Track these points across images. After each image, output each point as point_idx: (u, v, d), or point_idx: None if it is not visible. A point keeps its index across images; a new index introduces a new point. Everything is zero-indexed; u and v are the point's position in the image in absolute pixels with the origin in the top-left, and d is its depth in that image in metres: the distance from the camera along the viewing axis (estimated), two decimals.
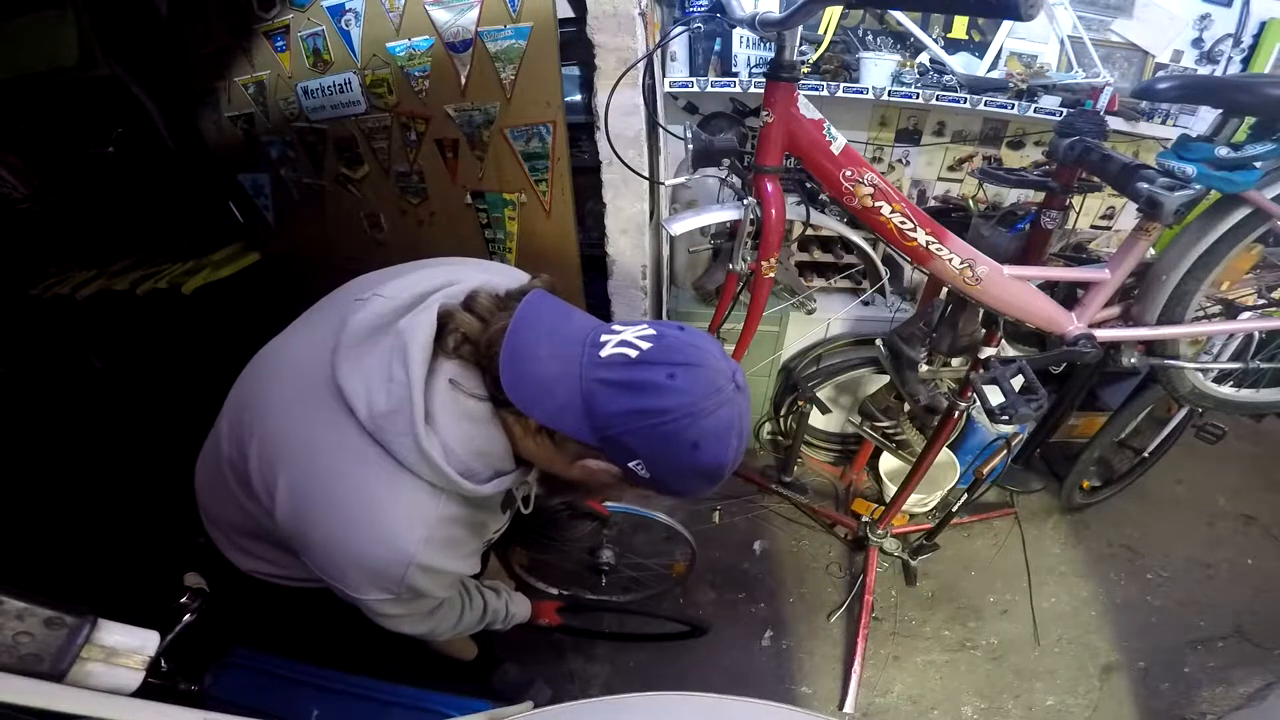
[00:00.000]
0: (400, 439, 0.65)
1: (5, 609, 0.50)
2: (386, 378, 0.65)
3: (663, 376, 0.60)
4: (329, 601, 0.89)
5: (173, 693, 0.75)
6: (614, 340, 0.62)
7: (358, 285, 0.84)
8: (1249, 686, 1.63)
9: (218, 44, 1.63)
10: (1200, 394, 1.33)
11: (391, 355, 0.66)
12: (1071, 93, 1.61)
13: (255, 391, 0.79)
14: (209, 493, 0.89)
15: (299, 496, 0.69)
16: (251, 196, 1.94)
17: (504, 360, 0.63)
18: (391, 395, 0.64)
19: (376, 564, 0.68)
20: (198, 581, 0.82)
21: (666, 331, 0.64)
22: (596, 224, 1.65)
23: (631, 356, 0.61)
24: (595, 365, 0.61)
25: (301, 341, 0.80)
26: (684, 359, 0.61)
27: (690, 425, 0.60)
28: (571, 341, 0.64)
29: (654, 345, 0.62)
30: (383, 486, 0.67)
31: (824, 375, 1.93)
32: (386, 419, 0.65)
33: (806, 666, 1.71)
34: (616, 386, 0.60)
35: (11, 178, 1.81)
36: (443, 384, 0.67)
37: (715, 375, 0.62)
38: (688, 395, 0.60)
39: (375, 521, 0.67)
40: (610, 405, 0.60)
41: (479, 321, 0.68)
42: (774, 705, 0.78)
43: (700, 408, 0.60)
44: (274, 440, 0.72)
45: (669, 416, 0.59)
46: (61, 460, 1.90)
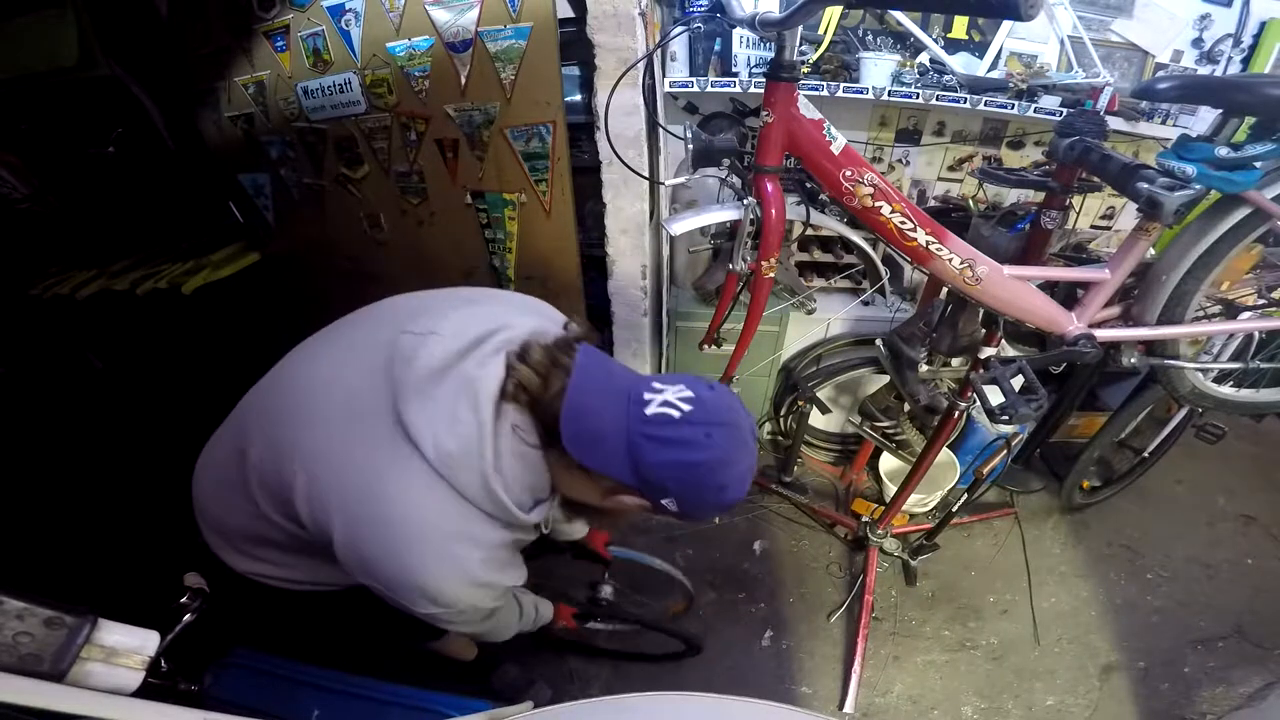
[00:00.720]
0: (467, 477, 0.72)
1: (5, 609, 0.50)
2: (454, 419, 0.71)
3: (702, 435, 0.71)
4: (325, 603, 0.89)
5: (173, 693, 0.75)
6: (657, 400, 0.72)
7: (400, 311, 0.86)
8: (1249, 686, 1.63)
9: (218, 44, 1.63)
10: (1200, 394, 1.33)
11: (458, 399, 0.72)
12: (1071, 93, 1.61)
13: (295, 416, 0.80)
14: (215, 499, 0.89)
15: (363, 529, 0.74)
16: (251, 196, 1.94)
17: (565, 418, 0.71)
18: (459, 437, 0.71)
19: (441, 587, 0.75)
20: (198, 581, 0.82)
21: (701, 393, 0.73)
22: (596, 224, 1.65)
23: (675, 417, 0.71)
24: (641, 422, 0.71)
25: (346, 367, 0.81)
26: (719, 419, 0.72)
27: (722, 472, 0.72)
28: (617, 398, 0.73)
29: (694, 407, 0.72)
30: (450, 520, 0.73)
31: (824, 375, 1.93)
32: (455, 459, 0.71)
33: (806, 666, 1.71)
34: (661, 442, 0.70)
35: (11, 178, 1.81)
36: (506, 428, 0.74)
37: (742, 431, 0.74)
38: (721, 450, 0.71)
39: (443, 554, 0.74)
40: (654, 457, 0.71)
41: (537, 376, 0.75)
42: (774, 705, 0.78)
43: (730, 458, 0.72)
44: (329, 474, 0.75)
45: (706, 467, 0.71)
46: (62, 460, 1.90)
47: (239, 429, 0.87)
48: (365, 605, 0.85)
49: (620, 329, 1.84)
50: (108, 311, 1.93)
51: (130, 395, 2.11)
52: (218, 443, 0.92)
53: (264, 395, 0.87)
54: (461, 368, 0.73)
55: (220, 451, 0.90)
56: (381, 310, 0.89)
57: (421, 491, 0.72)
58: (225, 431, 0.92)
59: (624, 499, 0.78)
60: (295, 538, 0.82)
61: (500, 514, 0.75)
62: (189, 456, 0.93)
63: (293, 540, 0.83)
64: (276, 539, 0.84)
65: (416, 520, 0.72)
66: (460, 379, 0.73)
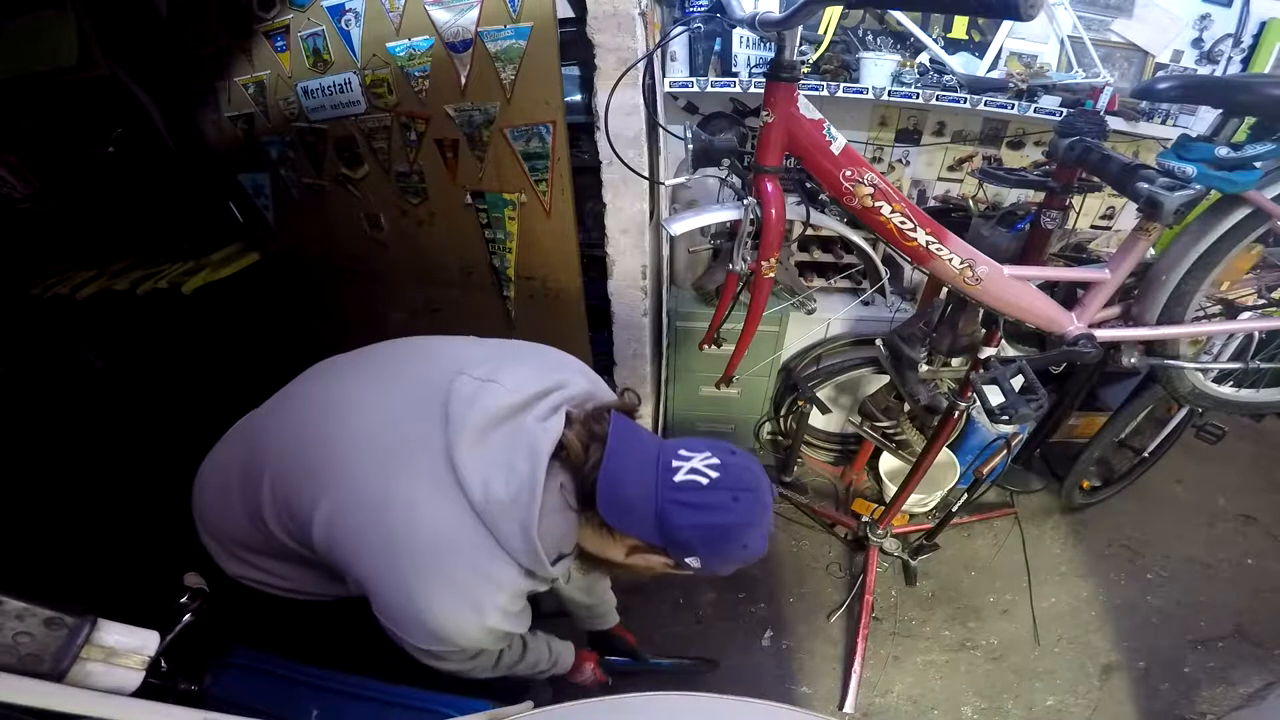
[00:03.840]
0: (509, 526, 0.73)
1: (5, 609, 0.50)
2: (510, 469, 0.73)
3: (729, 499, 0.74)
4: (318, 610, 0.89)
5: (173, 693, 0.75)
6: (685, 468, 0.75)
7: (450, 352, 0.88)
8: (1249, 686, 1.63)
9: (218, 44, 1.63)
10: (1200, 394, 1.33)
11: (515, 450, 0.75)
12: (1071, 93, 1.61)
13: (325, 441, 0.80)
14: (216, 507, 0.89)
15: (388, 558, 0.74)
16: (251, 196, 1.94)
17: (601, 488, 0.74)
18: (511, 487, 0.73)
19: (449, 627, 0.76)
20: (198, 581, 0.82)
21: (726, 459, 0.77)
22: (596, 224, 1.65)
23: (703, 484, 0.74)
24: (671, 489, 0.74)
25: (390, 399, 0.81)
26: (744, 485, 0.76)
27: (745, 533, 0.76)
28: (647, 463, 0.76)
29: (721, 474, 0.75)
30: (480, 563, 0.75)
31: (824, 375, 1.93)
32: (502, 507, 0.73)
33: (806, 666, 1.71)
34: (689, 507, 0.74)
35: (11, 178, 1.81)
36: (555, 485, 0.77)
37: (764, 494, 0.78)
38: (746, 513, 0.75)
39: (464, 593, 0.75)
40: (682, 520, 0.74)
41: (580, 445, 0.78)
42: (774, 705, 0.78)
43: (753, 521, 0.76)
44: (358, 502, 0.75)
45: (731, 529, 0.75)
46: (61, 460, 1.90)
47: (254, 445, 0.87)
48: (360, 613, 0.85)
49: (620, 329, 1.84)
50: (108, 311, 1.93)
51: (130, 395, 2.11)
52: (226, 451, 0.92)
53: (286, 415, 0.87)
54: (521, 420, 0.77)
55: (228, 462, 0.90)
56: (426, 348, 0.90)
57: (458, 532, 0.73)
58: (236, 443, 0.92)
59: (648, 557, 0.81)
60: (295, 554, 0.82)
61: (531, 564, 0.77)
62: (189, 456, 0.93)
63: (292, 555, 0.83)
64: (275, 552, 0.85)
65: (448, 556, 0.74)
66: (519, 431, 0.76)
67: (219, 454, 0.93)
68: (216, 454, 0.93)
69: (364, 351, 0.92)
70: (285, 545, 0.82)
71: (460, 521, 0.73)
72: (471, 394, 0.77)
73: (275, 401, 0.92)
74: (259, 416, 0.92)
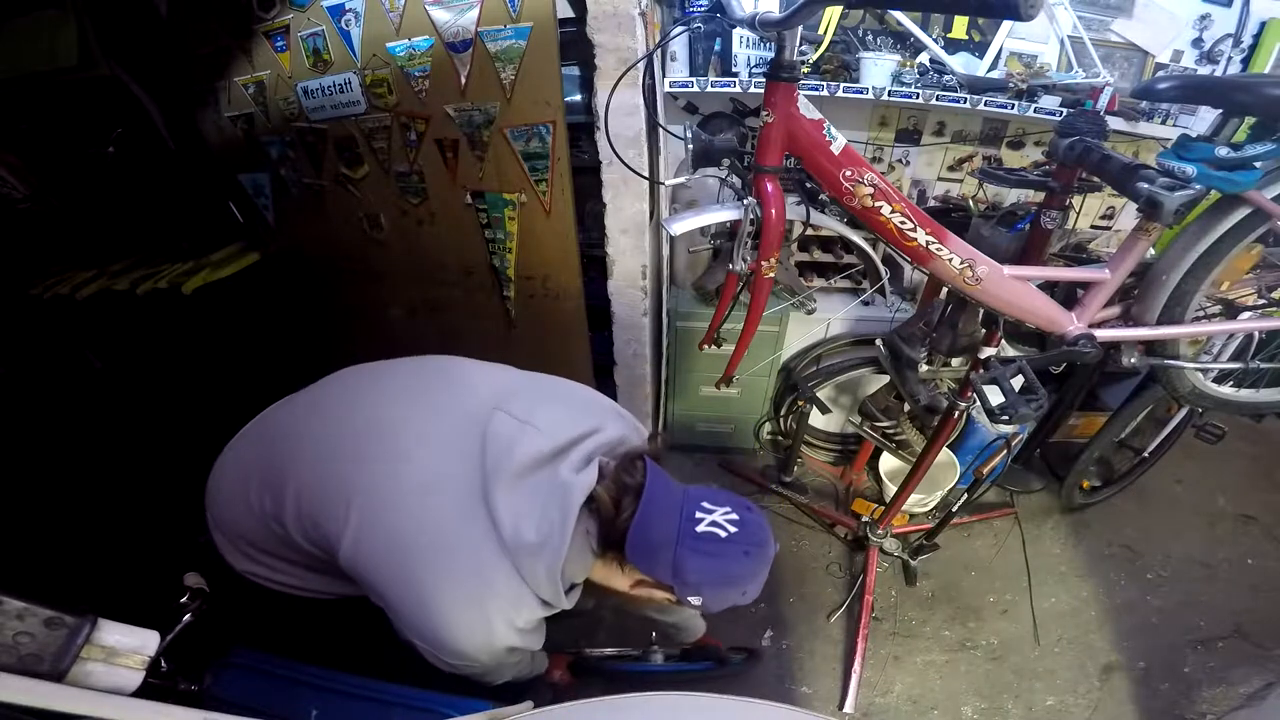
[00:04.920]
0: (534, 566, 0.80)
1: (5, 609, 0.50)
2: (540, 515, 0.80)
3: (741, 553, 0.83)
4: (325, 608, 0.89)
5: (173, 693, 0.75)
6: (706, 520, 0.83)
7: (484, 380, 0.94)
8: (1249, 686, 1.63)
9: (218, 44, 1.62)
10: (1200, 394, 1.33)
11: (549, 499, 0.81)
12: (1071, 93, 1.61)
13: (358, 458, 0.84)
14: (231, 506, 0.90)
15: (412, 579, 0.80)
16: (251, 196, 1.94)
17: (631, 535, 0.81)
18: (540, 532, 0.80)
19: (470, 645, 0.83)
20: (198, 581, 0.82)
21: (744, 517, 0.85)
22: (596, 224, 1.65)
23: (722, 536, 0.82)
24: (692, 538, 0.82)
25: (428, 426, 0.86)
26: (757, 540, 0.85)
27: (748, 581, 0.86)
28: (672, 512, 0.83)
29: (739, 530, 0.83)
30: (506, 595, 0.82)
31: (824, 375, 1.93)
32: (530, 549, 0.80)
33: (806, 666, 1.71)
34: (706, 555, 0.82)
35: (11, 178, 1.81)
36: (581, 531, 0.83)
37: (770, 549, 0.87)
38: (753, 565, 0.85)
39: (485, 617, 0.82)
40: (696, 565, 0.81)
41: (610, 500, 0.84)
42: (774, 705, 0.78)
43: (758, 572, 0.86)
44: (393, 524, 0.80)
45: (738, 578, 0.85)
46: (61, 460, 1.89)
47: (277, 447, 0.89)
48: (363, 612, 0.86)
49: (620, 329, 1.84)
50: (108, 311, 1.93)
51: (130, 395, 2.11)
52: (245, 448, 0.93)
53: (316, 424, 0.89)
54: (556, 468, 0.83)
55: (247, 459, 0.91)
56: (461, 374, 0.95)
57: (489, 561, 0.80)
58: (255, 440, 0.93)
59: (653, 591, 0.89)
60: (310, 557, 0.85)
61: (550, 597, 0.85)
62: (189, 456, 0.93)
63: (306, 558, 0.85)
64: (288, 553, 0.86)
65: (477, 585, 0.80)
66: (553, 480, 0.82)
67: (237, 449, 0.93)
68: (234, 449, 0.94)
69: (395, 368, 0.95)
70: (302, 548, 0.84)
71: (489, 552, 0.79)
72: (510, 435, 0.83)
73: (301, 406, 0.93)
74: (282, 417, 0.93)
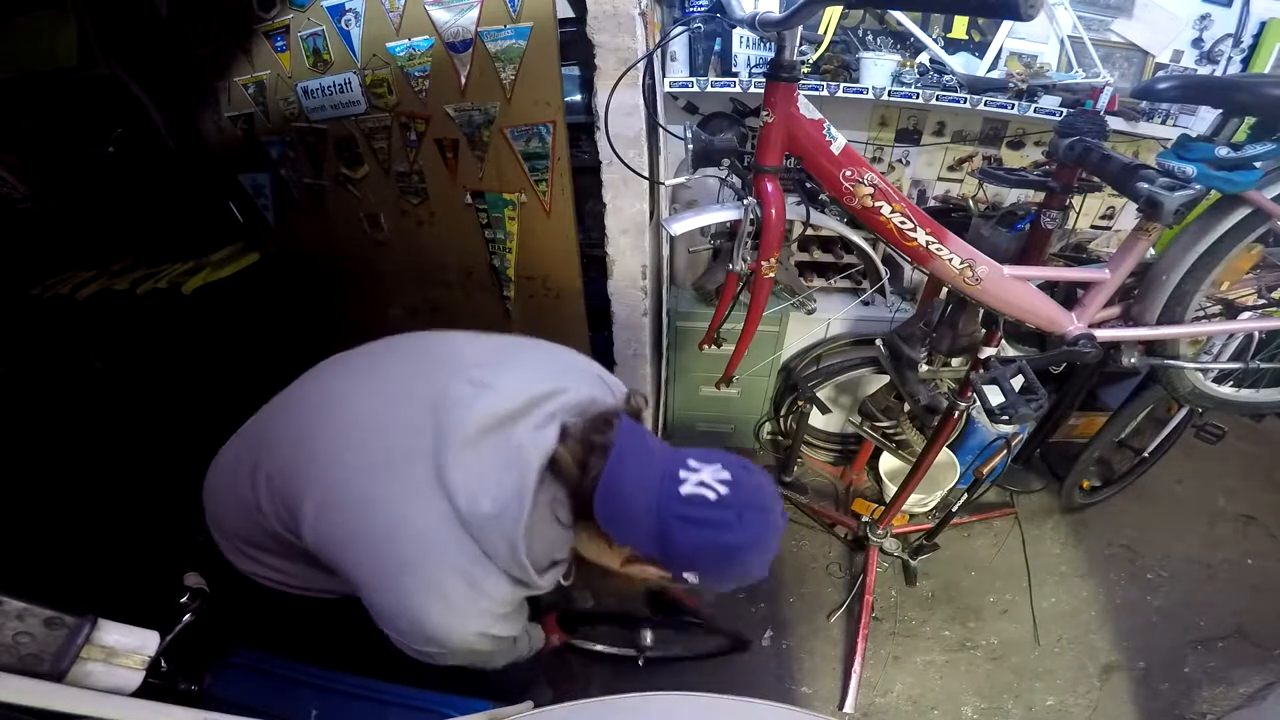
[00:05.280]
0: (495, 540, 0.72)
1: (5, 609, 0.50)
2: (495, 483, 0.71)
3: (734, 517, 0.70)
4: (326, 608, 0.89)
5: (173, 693, 0.75)
6: (693, 480, 0.71)
7: (453, 352, 0.86)
8: (1249, 686, 1.63)
9: (218, 44, 1.62)
10: (1200, 394, 1.33)
11: (505, 464, 0.72)
12: (1071, 93, 1.61)
13: (317, 438, 0.79)
14: (223, 503, 0.89)
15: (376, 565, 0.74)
16: (251, 196, 1.94)
17: (599, 499, 0.71)
18: (498, 502, 0.71)
19: (440, 631, 0.75)
20: (198, 581, 0.82)
21: (738, 474, 0.73)
22: (596, 224, 1.65)
23: (711, 499, 0.70)
24: (676, 502, 0.70)
25: (385, 399, 0.80)
26: (754, 503, 0.72)
27: (749, 554, 0.72)
28: (653, 473, 0.72)
29: (730, 491, 0.71)
30: (466, 573, 0.73)
31: (824, 375, 1.93)
32: (487, 520, 0.71)
33: (806, 666, 1.71)
34: (693, 523, 0.70)
35: (11, 178, 1.81)
36: (545, 500, 0.74)
37: (773, 515, 0.74)
38: (752, 535, 0.71)
39: (450, 598, 0.73)
40: (685, 537, 0.70)
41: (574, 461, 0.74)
42: (774, 705, 0.78)
43: (760, 542, 0.72)
44: (347, 504, 0.74)
45: (735, 549, 0.71)
46: (61, 460, 1.90)
47: (256, 441, 0.87)
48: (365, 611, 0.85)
49: (620, 329, 1.84)
50: (108, 311, 1.93)
51: (130, 395, 2.11)
52: (232, 448, 0.92)
53: (285, 411, 0.87)
54: (513, 431, 0.73)
55: (234, 458, 0.90)
56: (430, 345, 0.89)
57: (445, 540, 0.72)
58: (241, 439, 0.92)
59: (645, 568, 0.78)
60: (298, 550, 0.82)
61: (518, 575, 0.76)
62: (188, 456, 0.93)
63: (296, 552, 0.83)
64: (279, 549, 0.84)
65: (433, 564, 0.72)
66: (509, 443, 0.72)
67: (228, 450, 0.93)
68: (226, 451, 0.93)
69: (367, 347, 0.90)
70: (282, 536, 0.81)
71: (446, 530, 0.71)
72: (465, 401, 0.74)
73: (279, 397, 0.91)
74: (263, 413, 0.92)
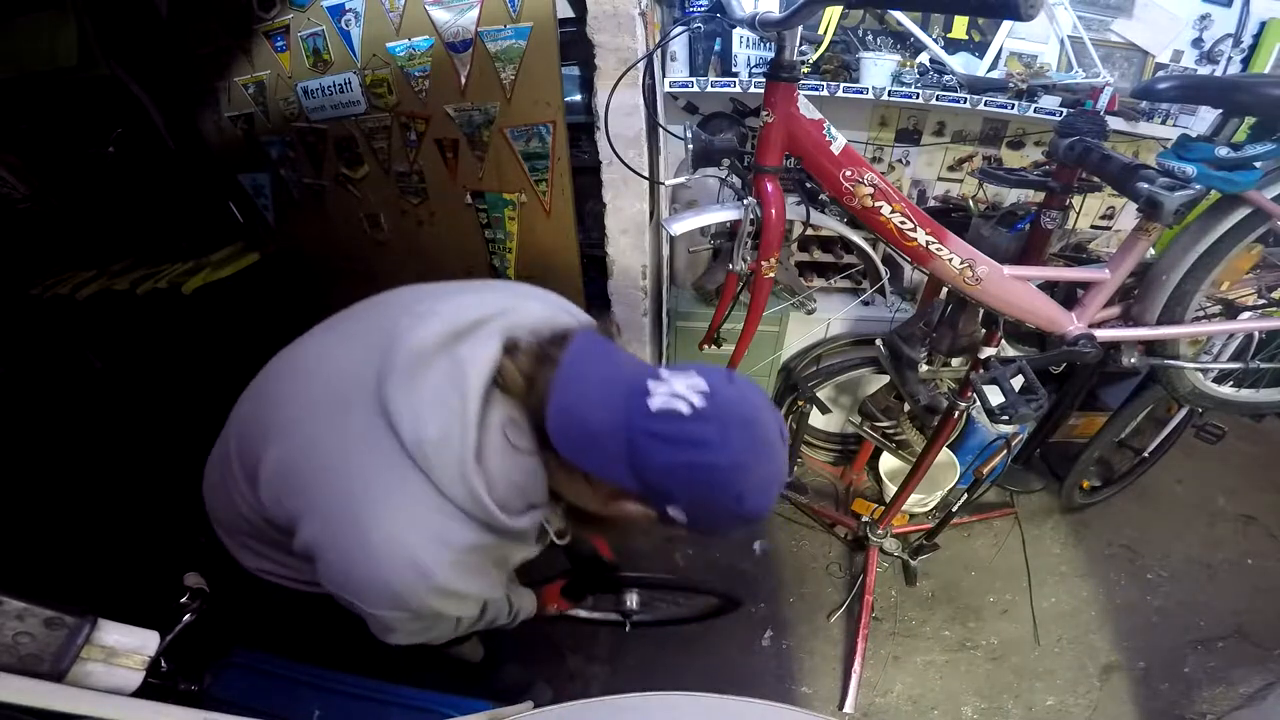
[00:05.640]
0: (446, 469, 0.64)
1: (5, 609, 0.50)
2: (439, 404, 0.64)
3: (714, 433, 0.59)
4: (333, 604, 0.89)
5: (173, 693, 0.75)
6: (664, 391, 0.61)
7: (405, 298, 0.81)
8: (1249, 686, 1.63)
9: (218, 44, 1.63)
10: (1200, 394, 1.33)
11: (448, 383, 0.64)
12: (1071, 93, 1.61)
13: (275, 400, 0.77)
14: (216, 497, 0.89)
15: (325, 514, 0.68)
16: (251, 196, 1.94)
17: (552, 412, 0.62)
18: (442, 423, 0.64)
19: (397, 585, 0.68)
20: (198, 581, 0.82)
21: (717, 384, 0.62)
22: (596, 224, 1.65)
23: (684, 412, 0.60)
24: (644, 417, 0.60)
25: (335, 352, 0.77)
26: (739, 415, 0.61)
27: (739, 478, 0.60)
28: (618, 389, 0.63)
29: (708, 402, 0.60)
30: (419, 514, 0.66)
31: (824, 375, 1.93)
32: (434, 446, 0.64)
33: (806, 666, 1.71)
34: (666, 441, 0.60)
35: (11, 178, 1.81)
36: (495, 421, 0.66)
37: (765, 430, 0.63)
38: (738, 452, 0.60)
39: (404, 544, 0.66)
40: (657, 458, 0.60)
41: (521, 374, 0.67)
42: (774, 705, 0.78)
43: (749, 462, 0.61)
44: (296, 449, 0.70)
45: (718, 471, 0.60)
46: (61, 460, 1.90)
47: (231, 425, 0.85)
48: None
49: (620, 329, 1.84)
50: (108, 311, 1.93)
51: (130, 395, 2.11)
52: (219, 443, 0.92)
53: (251, 390, 0.85)
54: (455, 350, 0.66)
55: (218, 451, 0.89)
56: (387, 298, 0.84)
57: (391, 479, 0.65)
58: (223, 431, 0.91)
59: (626, 506, 0.68)
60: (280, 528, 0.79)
61: (479, 513, 0.67)
62: (188, 456, 0.93)
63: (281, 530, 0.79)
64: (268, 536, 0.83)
65: (383, 509, 0.66)
66: (451, 361, 0.65)
67: (218, 446, 0.92)
68: (216, 446, 0.93)
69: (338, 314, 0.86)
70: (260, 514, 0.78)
71: (392, 467, 0.65)
72: (406, 329, 0.67)
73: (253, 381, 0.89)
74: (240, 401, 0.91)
